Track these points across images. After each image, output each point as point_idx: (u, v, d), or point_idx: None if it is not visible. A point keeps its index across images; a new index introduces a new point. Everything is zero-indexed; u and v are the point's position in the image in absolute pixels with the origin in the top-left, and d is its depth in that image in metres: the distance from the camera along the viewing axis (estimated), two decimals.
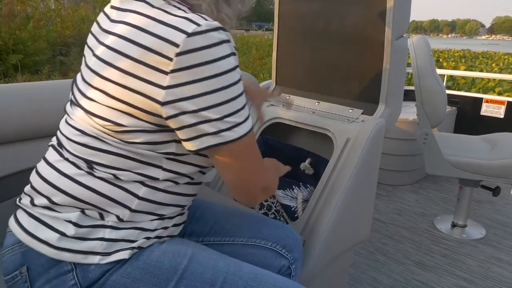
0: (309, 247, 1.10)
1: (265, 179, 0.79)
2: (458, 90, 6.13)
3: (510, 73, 10.62)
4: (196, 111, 0.66)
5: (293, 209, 1.21)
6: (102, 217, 0.72)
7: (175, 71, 0.64)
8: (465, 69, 10.88)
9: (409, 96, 3.32)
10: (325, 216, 1.12)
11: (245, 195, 0.78)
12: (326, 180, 1.18)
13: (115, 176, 0.72)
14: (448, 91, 3.19)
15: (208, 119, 0.67)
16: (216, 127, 0.67)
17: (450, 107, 3.19)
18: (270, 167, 0.88)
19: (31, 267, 0.72)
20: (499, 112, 3.00)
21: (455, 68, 11.46)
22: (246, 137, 0.71)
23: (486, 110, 3.07)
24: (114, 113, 0.68)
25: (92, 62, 0.71)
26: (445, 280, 1.75)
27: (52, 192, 0.73)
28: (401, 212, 2.42)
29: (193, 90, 0.65)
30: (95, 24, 0.78)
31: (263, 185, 0.78)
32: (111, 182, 0.72)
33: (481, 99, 3.09)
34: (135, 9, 0.70)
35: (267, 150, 1.40)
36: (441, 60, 14.01)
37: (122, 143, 0.70)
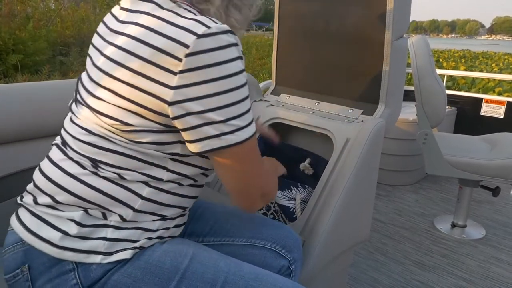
0: (308, 247, 1.10)
1: (265, 185, 0.79)
2: (458, 90, 6.13)
3: (510, 73, 10.62)
4: (201, 112, 0.67)
5: (291, 209, 1.21)
6: (105, 216, 0.73)
7: (184, 71, 0.65)
8: (465, 69, 10.88)
9: (409, 96, 3.31)
10: (324, 216, 1.12)
11: (245, 201, 0.77)
12: (325, 180, 1.18)
13: (119, 176, 0.72)
14: (448, 91, 3.19)
15: (212, 121, 0.67)
16: (219, 130, 0.68)
17: (450, 107, 3.19)
18: (271, 173, 0.88)
19: (33, 265, 0.72)
20: (499, 112, 3.00)
21: (455, 68, 11.46)
22: (248, 142, 0.71)
23: (486, 110, 3.07)
24: (122, 113, 0.69)
25: (101, 62, 0.72)
26: (445, 280, 1.75)
27: (56, 191, 0.73)
28: (401, 212, 2.42)
29: (200, 91, 0.66)
30: (102, 25, 0.79)
31: (263, 191, 0.78)
32: (115, 182, 0.72)
33: (481, 99, 3.09)
34: (146, 11, 0.71)
35: (267, 150, 1.40)
36: (441, 60, 14.01)
37: (129, 143, 0.71)
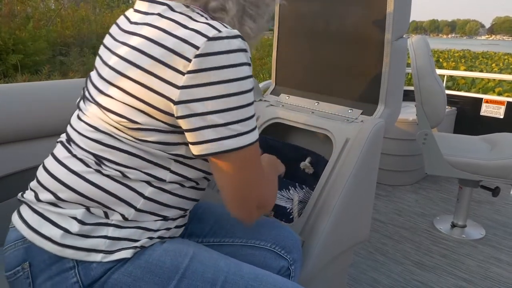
0: (308, 247, 1.10)
1: (264, 196, 0.77)
2: (458, 90, 6.13)
3: (510, 73, 10.63)
4: (204, 113, 0.67)
5: (288, 210, 1.20)
6: (106, 215, 0.73)
7: (192, 72, 0.66)
8: (465, 69, 10.88)
9: (408, 96, 3.31)
10: (324, 216, 1.12)
11: (241, 210, 0.75)
12: (325, 180, 1.18)
13: (123, 174, 0.73)
14: (448, 91, 3.19)
15: (214, 124, 0.67)
16: (219, 134, 0.68)
17: (449, 107, 3.19)
18: (271, 183, 0.85)
19: (34, 263, 0.72)
20: (499, 112, 3.00)
21: (455, 68, 11.46)
22: (249, 149, 0.71)
23: (486, 110, 3.06)
24: (130, 110, 0.70)
25: (113, 61, 0.73)
26: (445, 280, 1.75)
27: (58, 188, 0.73)
28: (401, 212, 2.42)
29: (205, 92, 0.66)
30: (114, 26, 0.81)
31: (260, 202, 0.76)
32: (118, 180, 0.73)
33: (481, 99, 3.09)
34: (159, 12, 0.72)
35: (267, 150, 1.40)
36: (441, 60, 14.01)
37: (134, 141, 0.72)
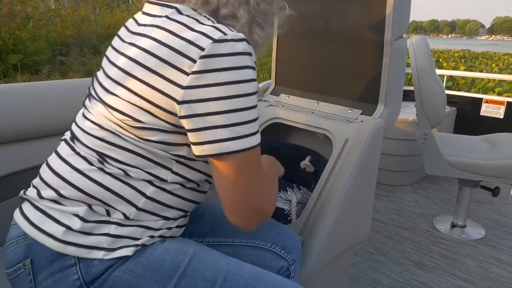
0: (308, 247, 1.10)
1: (263, 203, 0.74)
2: (458, 90, 6.13)
3: (510, 73, 10.62)
4: (206, 114, 0.67)
5: (286, 212, 1.20)
6: (108, 213, 0.74)
7: (196, 72, 0.67)
8: (465, 70, 10.88)
9: (408, 96, 3.31)
10: (324, 216, 1.12)
11: (239, 216, 0.73)
12: (325, 180, 1.18)
13: (125, 173, 0.73)
14: (448, 91, 3.19)
15: (215, 125, 0.67)
16: (220, 135, 0.68)
17: (449, 107, 3.19)
18: (272, 189, 0.81)
19: (35, 260, 0.72)
20: (499, 112, 3.00)
21: (455, 68, 11.46)
22: (250, 152, 0.70)
23: (486, 110, 3.06)
24: (134, 109, 0.70)
25: (121, 62, 0.73)
26: (444, 280, 1.75)
27: (61, 185, 0.74)
28: (401, 213, 2.42)
29: (208, 93, 0.67)
30: (123, 28, 0.82)
31: (259, 209, 0.74)
32: (120, 179, 0.73)
33: (481, 99, 3.09)
34: (167, 15, 0.73)
35: (266, 151, 1.40)
36: (441, 60, 14.01)
37: (137, 140, 0.72)
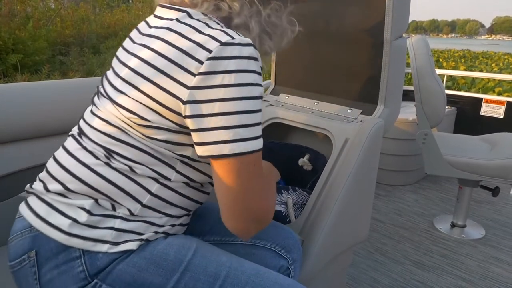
0: (308, 247, 1.10)
1: (263, 209, 0.73)
2: (457, 90, 6.13)
3: (510, 73, 10.63)
4: (209, 115, 0.68)
5: (284, 214, 1.20)
6: (114, 208, 0.74)
7: (202, 74, 0.68)
8: (465, 69, 10.88)
9: (408, 96, 3.32)
10: (323, 216, 1.12)
11: (237, 222, 0.72)
12: (324, 180, 1.18)
13: (131, 169, 0.74)
14: (448, 91, 3.19)
15: (217, 127, 0.68)
16: (222, 137, 0.68)
17: (449, 107, 3.19)
18: (271, 195, 0.79)
19: (40, 251, 0.73)
20: (499, 112, 3.00)
21: (455, 68, 11.46)
22: (251, 156, 0.69)
23: (486, 110, 3.07)
24: (142, 108, 0.71)
25: (133, 63, 0.74)
26: (444, 280, 1.76)
27: (68, 179, 0.75)
28: (401, 212, 2.42)
29: (212, 94, 0.68)
30: (135, 30, 0.84)
31: (258, 215, 0.72)
32: (126, 174, 0.74)
33: (481, 99, 3.09)
34: (178, 18, 0.75)
35: (265, 152, 1.40)
36: (441, 60, 14.01)
37: (143, 138, 0.73)
